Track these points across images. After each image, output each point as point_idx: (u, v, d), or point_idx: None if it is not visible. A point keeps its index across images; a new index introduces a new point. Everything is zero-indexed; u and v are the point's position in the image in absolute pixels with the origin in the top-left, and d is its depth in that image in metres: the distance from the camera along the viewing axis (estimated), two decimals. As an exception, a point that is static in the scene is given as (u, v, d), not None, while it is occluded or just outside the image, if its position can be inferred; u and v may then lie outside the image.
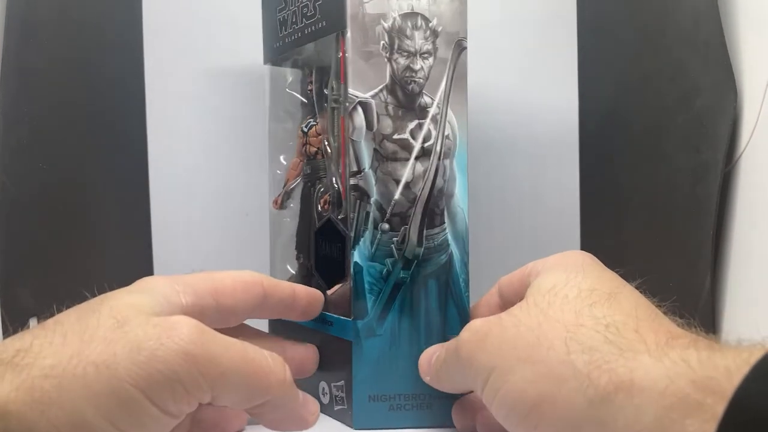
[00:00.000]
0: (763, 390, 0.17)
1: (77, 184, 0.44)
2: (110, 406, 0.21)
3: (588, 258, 0.29)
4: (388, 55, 0.33)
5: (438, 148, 0.33)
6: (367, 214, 0.32)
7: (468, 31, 0.34)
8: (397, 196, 0.33)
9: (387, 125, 0.33)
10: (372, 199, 0.32)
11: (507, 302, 0.31)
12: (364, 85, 0.33)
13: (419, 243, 0.33)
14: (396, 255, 0.33)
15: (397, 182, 0.33)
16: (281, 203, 0.39)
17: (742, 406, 0.17)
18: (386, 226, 0.33)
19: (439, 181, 0.33)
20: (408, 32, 0.33)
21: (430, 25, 0.33)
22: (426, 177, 0.33)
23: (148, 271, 0.44)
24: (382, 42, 0.33)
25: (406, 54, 0.33)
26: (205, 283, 0.27)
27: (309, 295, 0.32)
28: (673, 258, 0.43)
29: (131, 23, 0.44)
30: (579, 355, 0.22)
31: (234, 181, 0.44)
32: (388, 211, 0.33)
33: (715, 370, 0.18)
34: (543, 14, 0.44)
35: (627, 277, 0.28)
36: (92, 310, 0.24)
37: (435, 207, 0.33)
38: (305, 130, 0.37)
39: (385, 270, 0.32)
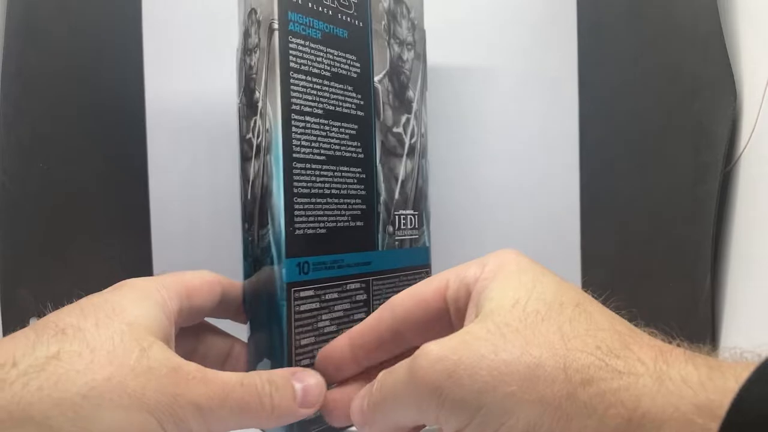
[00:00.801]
0: (753, 405, 0.17)
1: (77, 185, 0.44)
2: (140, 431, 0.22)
3: (523, 258, 0.26)
4: (242, 57, 0.33)
5: (263, 143, 0.31)
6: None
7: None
8: (249, 195, 0.32)
9: (243, 126, 0.33)
10: (241, 200, 0.33)
11: (412, 325, 0.27)
12: (238, 90, 0.33)
13: (258, 243, 0.32)
14: (250, 255, 0.32)
15: (248, 182, 0.33)
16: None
17: (734, 424, 0.17)
18: (246, 225, 0.33)
19: (265, 179, 0.31)
20: (248, 29, 0.32)
21: (257, 16, 0.32)
22: (258, 175, 0.32)
23: (148, 271, 0.44)
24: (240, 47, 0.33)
25: (248, 52, 0.32)
26: (181, 285, 0.29)
27: (238, 292, 0.33)
28: (672, 258, 0.42)
29: (131, 23, 0.44)
30: (582, 388, 0.20)
31: (234, 182, 0.44)
32: (247, 210, 0.33)
33: (716, 391, 0.18)
34: (543, 14, 0.44)
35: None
36: (106, 318, 0.24)
37: (263, 205, 0.32)
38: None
39: (248, 269, 0.33)
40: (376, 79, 0.36)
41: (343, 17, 0.34)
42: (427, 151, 0.40)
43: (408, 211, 0.38)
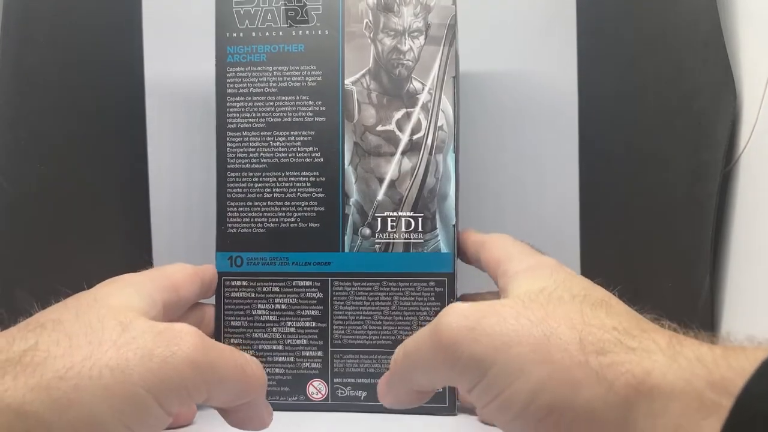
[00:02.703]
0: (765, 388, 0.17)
1: (76, 184, 0.44)
2: (125, 408, 0.21)
3: (558, 264, 0.29)
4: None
5: None
6: None
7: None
8: None
9: None
10: None
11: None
12: None
13: None
14: None
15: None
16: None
17: (747, 404, 0.17)
18: None
19: None
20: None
21: None
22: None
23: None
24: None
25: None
26: (167, 279, 0.30)
27: (214, 273, 0.37)
28: (671, 259, 0.42)
29: (131, 22, 0.44)
30: (594, 357, 0.20)
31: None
32: None
33: (731, 370, 0.18)
34: (543, 14, 0.44)
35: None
36: (88, 307, 0.24)
37: None
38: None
39: None
40: (349, 80, 0.37)
41: (300, 33, 0.37)
42: (450, 145, 0.37)
43: (402, 213, 0.37)
